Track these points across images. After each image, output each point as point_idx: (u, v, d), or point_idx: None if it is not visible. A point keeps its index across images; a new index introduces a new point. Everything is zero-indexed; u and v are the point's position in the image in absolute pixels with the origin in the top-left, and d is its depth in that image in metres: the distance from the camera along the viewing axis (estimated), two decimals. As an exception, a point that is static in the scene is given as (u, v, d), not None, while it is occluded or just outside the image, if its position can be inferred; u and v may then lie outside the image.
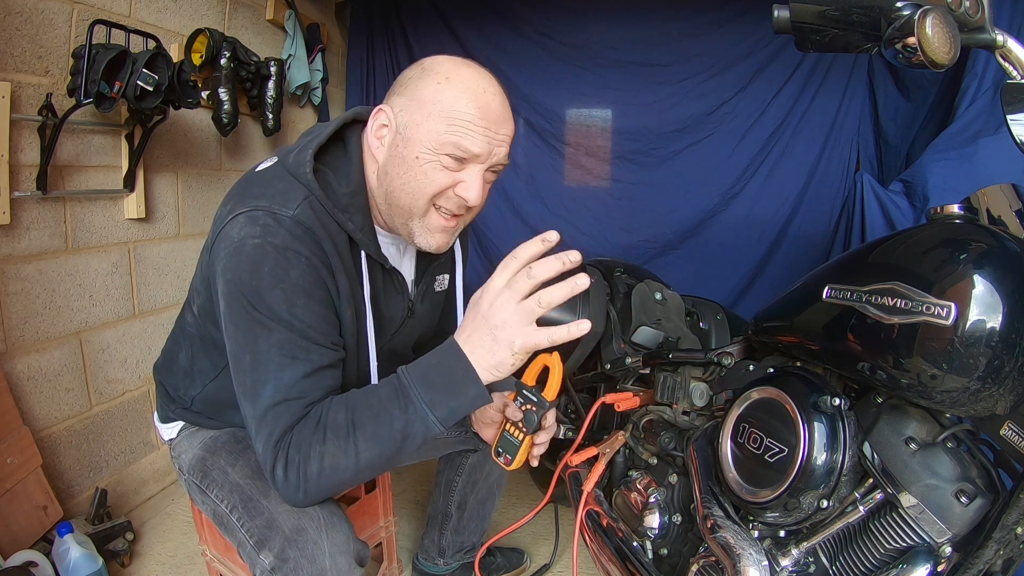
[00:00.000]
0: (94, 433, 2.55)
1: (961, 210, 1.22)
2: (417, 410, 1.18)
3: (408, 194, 1.29)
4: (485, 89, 1.26)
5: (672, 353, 1.82)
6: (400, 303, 1.53)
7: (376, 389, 1.23)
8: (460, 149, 1.23)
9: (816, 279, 1.34)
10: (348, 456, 1.18)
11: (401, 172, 1.28)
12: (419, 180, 1.27)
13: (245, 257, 1.21)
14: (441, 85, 1.25)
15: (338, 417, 1.19)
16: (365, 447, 1.18)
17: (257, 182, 1.31)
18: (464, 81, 1.25)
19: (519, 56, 4.04)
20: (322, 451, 1.18)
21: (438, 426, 1.19)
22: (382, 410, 1.19)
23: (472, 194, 1.28)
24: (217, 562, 1.78)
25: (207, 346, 1.49)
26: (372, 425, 1.18)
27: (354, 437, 1.18)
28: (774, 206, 3.87)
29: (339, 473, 1.20)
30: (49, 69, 2.20)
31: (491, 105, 1.25)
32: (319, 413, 1.21)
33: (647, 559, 1.67)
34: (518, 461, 1.36)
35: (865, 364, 1.20)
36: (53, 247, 2.31)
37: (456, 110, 1.23)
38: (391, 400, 1.19)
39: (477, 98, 1.24)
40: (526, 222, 4.16)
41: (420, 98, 1.26)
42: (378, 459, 1.20)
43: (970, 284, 1.05)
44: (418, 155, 1.25)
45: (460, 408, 1.20)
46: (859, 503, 1.24)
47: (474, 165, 1.27)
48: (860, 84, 3.66)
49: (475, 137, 1.23)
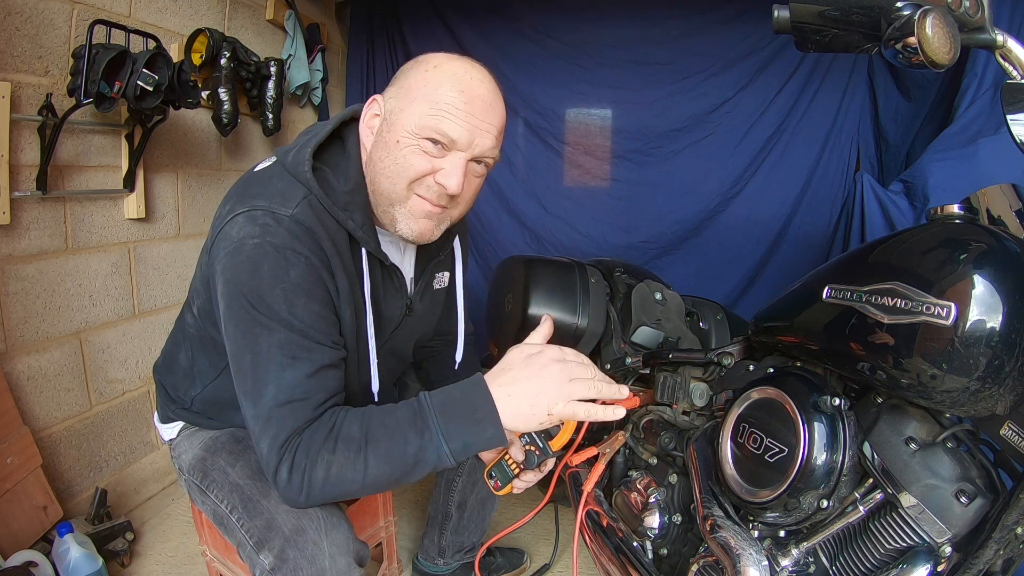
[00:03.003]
0: (94, 433, 2.55)
1: (961, 210, 1.22)
2: (433, 438, 1.18)
3: (388, 179, 1.29)
4: (472, 76, 1.26)
5: (672, 353, 1.82)
6: (399, 301, 1.52)
7: (395, 409, 1.23)
8: (439, 133, 1.23)
9: (816, 279, 1.33)
10: (356, 470, 1.18)
11: (383, 156, 1.29)
12: (398, 164, 1.27)
13: (244, 257, 1.21)
14: (429, 72, 1.26)
15: (352, 430, 1.20)
16: (375, 464, 1.18)
17: (256, 182, 1.31)
18: (452, 69, 1.26)
19: (518, 55, 4.02)
20: (331, 460, 1.18)
21: (450, 459, 1.20)
22: (397, 431, 1.19)
23: (452, 182, 1.26)
24: (217, 562, 1.78)
25: (207, 346, 1.49)
26: (386, 443, 1.19)
27: (365, 452, 1.18)
28: (774, 206, 3.86)
29: (344, 485, 1.20)
30: (49, 69, 2.20)
31: (476, 91, 1.25)
32: (332, 421, 1.21)
33: (647, 559, 1.68)
34: (507, 489, 1.42)
35: (865, 364, 1.20)
36: (53, 247, 2.31)
37: (439, 94, 1.23)
38: (408, 422, 1.20)
39: (461, 83, 1.24)
40: (523, 223, 4.15)
41: (408, 86, 1.28)
42: (386, 478, 1.20)
43: (970, 284, 1.05)
44: (399, 139, 1.26)
45: (475, 445, 1.21)
46: (859, 503, 1.24)
47: (456, 153, 1.26)
48: (860, 84, 3.65)
49: (455, 122, 1.23)
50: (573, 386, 1.19)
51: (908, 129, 3.52)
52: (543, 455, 1.37)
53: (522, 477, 1.41)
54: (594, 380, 1.22)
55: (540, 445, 1.37)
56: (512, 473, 1.40)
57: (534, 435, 1.38)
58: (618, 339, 2.21)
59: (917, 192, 3.02)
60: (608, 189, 4.11)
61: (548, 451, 1.37)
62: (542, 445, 1.37)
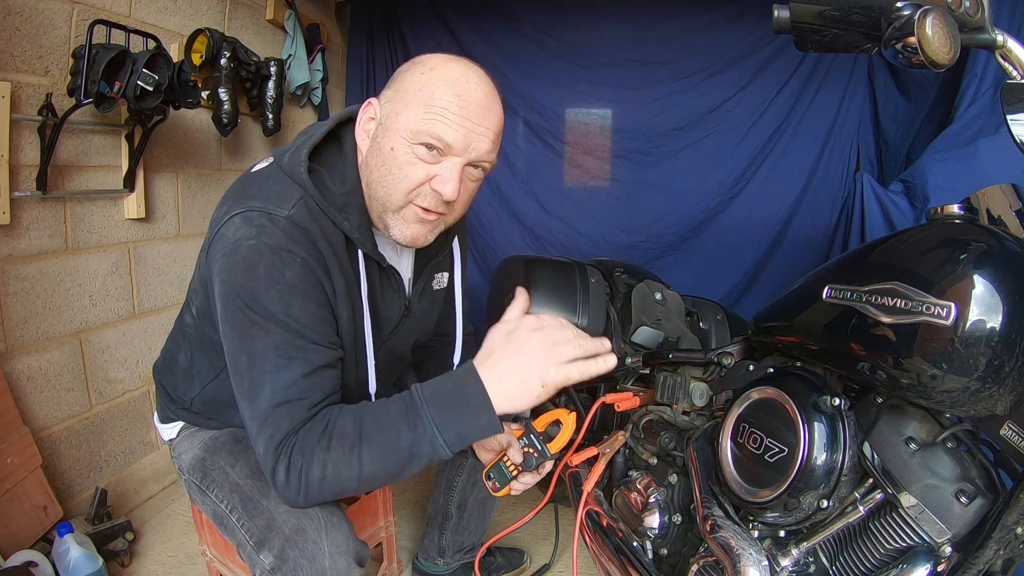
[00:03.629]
0: (94, 433, 2.55)
1: (961, 210, 1.22)
2: (426, 430, 1.18)
3: (383, 188, 1.28)
4: (468, 79, 1.24)
5: (672, 353, 1.82)
6: (396, 302, 1.52)
7: (387, 404, 1.23)
8: (434, 137, 1.21)
9: (816, 279, 1.33)
10: (352, 467, 1.18)
11: (379, 164, 1.28)
12: (394, 175, 1.26)
13: (240, 258, 1.21)
14: (424, 75, 1.25)
15: (346, 427, 1.19)
16: (369, 460, 1.18)
17: (252, 183, 1.31)
18: (448, 72, 1.24)
19: (517, 54, 4.03)
20: (326, 458, 1.18)
21: (446, 450, 1.19)
22: (390, 425, 1.19)
23: (448, 188, 1.25)
24: (217, 562, 1.78)
25: (206, 347, 1.49)
26: (379, 439, 1.18)
27: (359, 449, 1.18)
28: (774, 206, 3.86)
29: (341, 482, 1.20)
30: (49, 69, 2.20)
31: (472, 95, 1.23)
32: (326, 419, 1.21)
33: (647, 559, 1.68)
34: (505, 491, 1.43)
35: (865, 364, 1.20)
36: (53, 247, 2.31)
37: (434, 98, 1.22)
38: (400, 416, 1.19)
39: (457, 86, 1.22)
40: (522, 223, 4.15)
41: (403, 88, 1.26)
42: (382, 473, 1.20)
43: (970, 284, 1.05)
44: (393, 146, 1.25)
45: (470, 434, 1.20)
46: (859, 503, 1.24)
47: (451, 158, 1.24)
48: (860, 84, 3.66)
49: (451, 126, 1.21)
50: (558, 350, 1.19)
51: (908, 129, 3.53)
52: (541, 457, 1.38)
53: (520, 479, 1.41)
54: (576, 339, 1.21)
55: (539, 447, 1.37)
56: (510, 475, 1.41)
57: (532, 437, 1.38)
58: (618, 339, 2.22)
59: (917, 192, 3.03)
60: (608, 189, 4.11)
61: (546, 453, 1.38)
62: (540, 447, 1.37)
